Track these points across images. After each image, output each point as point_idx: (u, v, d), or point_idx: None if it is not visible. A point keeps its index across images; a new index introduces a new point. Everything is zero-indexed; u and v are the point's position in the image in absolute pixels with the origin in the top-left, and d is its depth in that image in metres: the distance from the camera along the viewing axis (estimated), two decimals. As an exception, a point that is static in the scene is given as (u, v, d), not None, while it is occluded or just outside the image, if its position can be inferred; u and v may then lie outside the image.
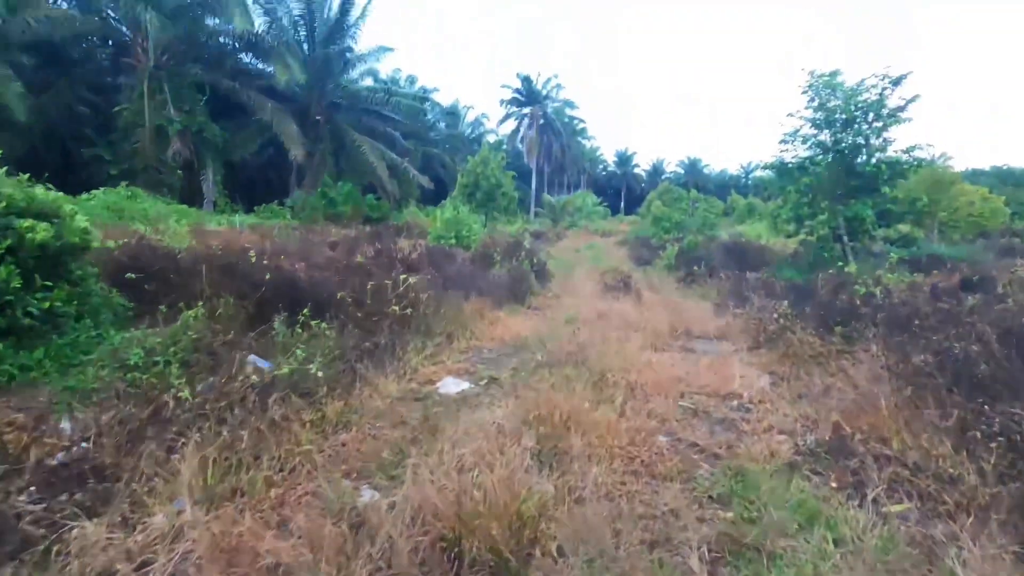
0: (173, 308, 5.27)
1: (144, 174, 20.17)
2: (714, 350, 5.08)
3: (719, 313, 6.62)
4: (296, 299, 5.49)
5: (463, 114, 51.39)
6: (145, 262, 5.42)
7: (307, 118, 25.54)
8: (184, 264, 5.58)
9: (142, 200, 15.50)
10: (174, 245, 5.94)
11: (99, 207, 13.43)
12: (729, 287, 8.05)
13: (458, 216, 14.08)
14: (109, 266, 5.50)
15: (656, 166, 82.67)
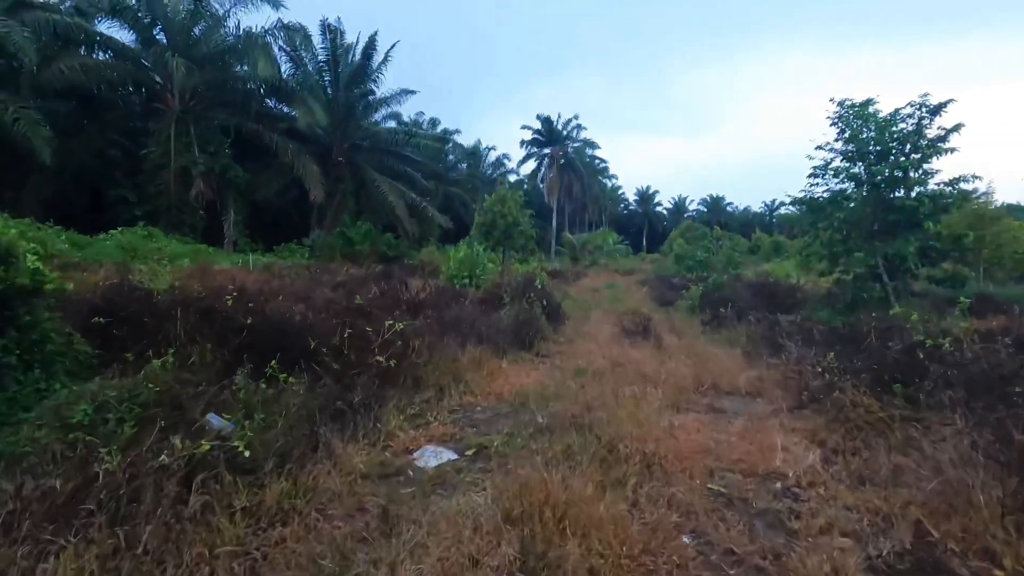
0: (142, 356, 4.83)
1: (167, 214, 20.47)
2: (748, 410, 4.35)
3: (751, 363, 5.89)
4: (280, 346, 4.99)
5: (484, 154, 52.09)
6: (118, 305, 5.00)
7: (329, 159, 25.91)
8: (161, 307, 5.14)
9: (158, 240, 15.52)
10: (156, 287, 5.53)
11: (114, 247, 13.41)
12: (760, 332, 7.31)
13: (472, 255, 13.68)
14: (79, 309, 5.11)
15: (678, 204, 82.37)
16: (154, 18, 20.52)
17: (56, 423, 3.64)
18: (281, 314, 6.01)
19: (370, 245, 24.33)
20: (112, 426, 3.79)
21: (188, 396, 4.27)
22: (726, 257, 20.68)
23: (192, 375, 4.65)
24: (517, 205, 19.23)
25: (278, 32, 22.23)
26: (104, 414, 3.86)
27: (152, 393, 4.13)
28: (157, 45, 20.34)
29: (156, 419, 4.06)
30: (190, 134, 20.76)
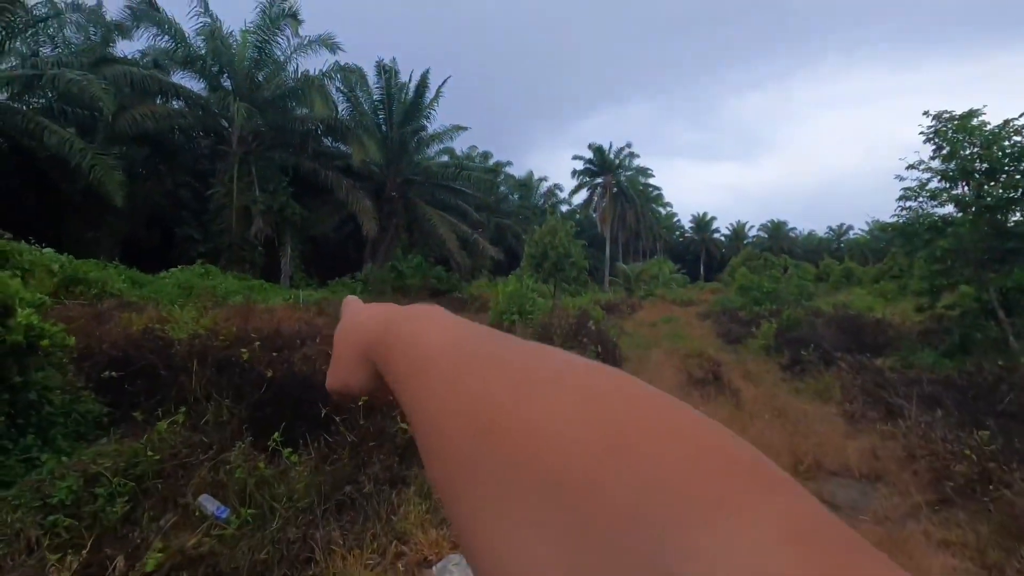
0: (153, 414, 4.42)
1: (228, 251, 21.15)
2: (870, 504, 3.36)
3: (856, 427, 4.85)
4: (303, 402, 4.47)
5: (536, 185, 52.08)
6: (133, 356, 4.63)
7: (382, 194, 26.31)
8: (178, 358, 4.74)
9: (215, 277, 15.83)
10: (176, 334, 5.18)
11: (171, 285, 13.68)
12: (857, 383, 6.20)
13: (521, 289, 13.04)
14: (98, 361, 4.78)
15: (736, 230, 79.34)
16: (221, 67, 21.66)
17: (36, 502, 3.18)
18: (311, 362, 5.52)
19: (421, 278, 24.25)
20: (100, 504, 3.31)
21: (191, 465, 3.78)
22: (797, 287, 19.10)
23: (205, 436, 4.18)
24: (568, 235, 18.59)
25: (335, 74, 22.95)
26: (94, 488, 3.39)
27: (151, 463, 3.65)
28: (223, 91, 21.37)
29: (152, 493, 3.58)
30: (251, 174, 21.54)
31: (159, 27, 20.41)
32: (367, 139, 23.39)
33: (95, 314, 8.39)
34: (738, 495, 0.17)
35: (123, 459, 3.63)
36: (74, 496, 3.25)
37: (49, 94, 17.91)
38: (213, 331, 5.46)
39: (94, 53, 19.32)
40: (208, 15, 20.92)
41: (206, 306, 9.74)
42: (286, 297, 16.27)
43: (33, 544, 3.03)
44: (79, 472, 3.41)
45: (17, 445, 3.51)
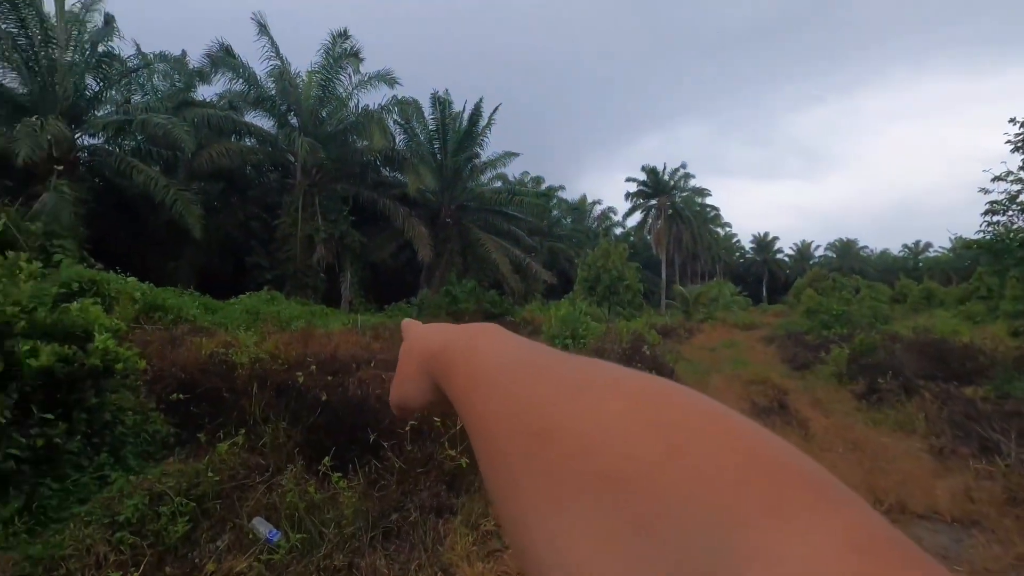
0: (215, 435, 4.59)
1: (293, 278, 22.19)
2: (964, 553, 2.98)
3: (945, 465, 4.37)
4: (356, 426, 4.52)
5: (589, 209, 51.97)
6: (198, 379, 4.85)
7: (437, 220, 26.97)
8: (240, 382, 4.93)
9: (279, 302, 16.59)
10: (238, 358, 5.40)
11: (240, 311, 14.42)
12: (945, 414, 5.63)
13: (574, 312, 12.89)
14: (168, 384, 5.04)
15: (801, 250, 75.86)
16: (289, 105, 23.08)
17: (105, 519, 3.34)
18: (365, 386, 5.62)
19: (475, 302, 24.50)
20: (163, 523, 3.44)
21: (248, 486, 3.87)
22: (871, 310, 17.90)
23: (262, 458, 4.29)
24: (621, 258, 18.33)
25: (392, 107, 23.94)
26: (159, 507, 3.53)
27: (211, 484, 3.77)
28: (290, 128, 22.73)
29: (210, 513, 3.69)
30: (314, 204, 22.64)
31: (234, 71, 22.06)
32: (422, 168, 24.15)
33: (170, 339, 8.93)
34: (803, 502, 0.17)
35: (186, 479, 3.78)
36: (139, 514, 3.39)
37: (138, 136, 19.63)
38: (274, 355, 5.66)
39: (177, 98, 21.06)
40: (279, 58, 22.43)
41: (269, 331, 10.19)
42: (345, 322, 16.79)
43: (101, 559, 3.17)
44: (145, 491, 3.57)
45: (92, 463, 3.72)
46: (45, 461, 3.44)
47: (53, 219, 13.29)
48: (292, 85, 22.78)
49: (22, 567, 2.95)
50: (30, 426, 3.34)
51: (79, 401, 3.66)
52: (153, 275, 16.01)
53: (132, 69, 20.25)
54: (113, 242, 19.18)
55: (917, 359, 10.00)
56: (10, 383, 3.39)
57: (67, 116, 16.70)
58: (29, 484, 3.31)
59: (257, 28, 21.85)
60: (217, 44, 21.80)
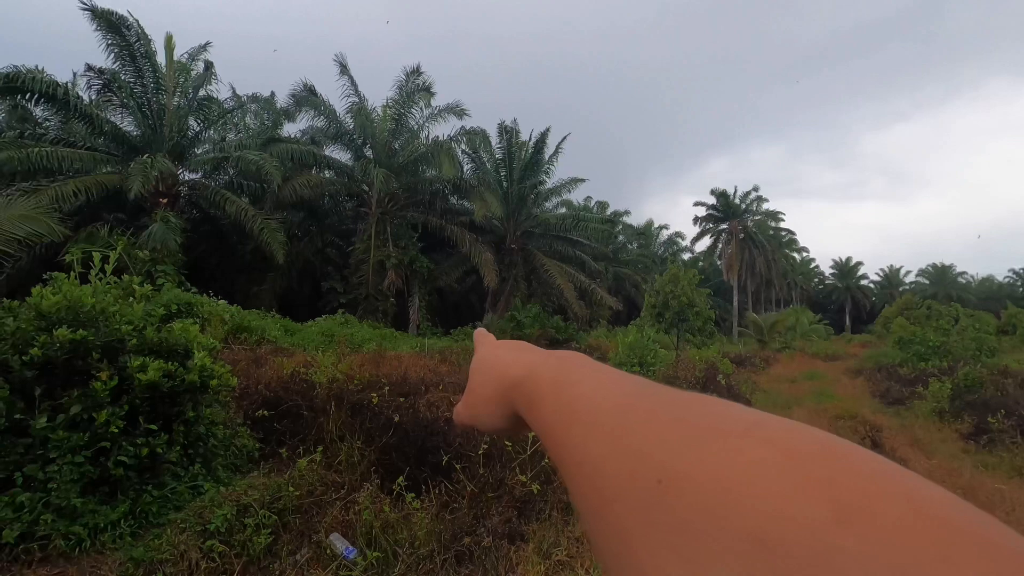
0: (296, 451, 4.80)
1: (365, 302, 23.11)
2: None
3: (1077, 517, 3.85)
4: (427, 447, 4.60)
5: (656, 234, 50.99)
6: (280, 397, 5.11)
7: (503, 246, 27.38)
8: (318, 400, 5.15)
9: (352, 325, 17.28)
10: (317, 378, 5.65)
11: (316, 332, 15.15)
12: (1073, 460, 4.97)
13: (642, 339, 12.57)
14: (253, 401, 5.34)
15: (889, 275, 70.62)
16: (365, 138, 24.41)
17: (197, 527, 3.54)
18: (434, 408, 5.71)
19: (539, 328, 24.47)
20: (249, 533, 3.60)
21: (325, 502, 4.00)
22: (975, 341, 16.28)
23: (338, 475, 4.43)
24: (691, 284, 17.77)
25: (461, 137, 24.78)
26: (245, 519, 3.71)
27: (292, 498, 3.93)
28: (365, 160, 23.99)
29: (291, 527, 3.82)
30: (386, 232, 23.63)
31: (316, 109, 23.69)
32: (489, 195, 24.70)
33: (254, 358, 9.51)
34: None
35: (269, 492, 3.96)
36: (228, 524, 3.58)
37: (231, 171, 21.39)
38: (349, 376, 5.88)
39: (266, 135, 22.83)
40: (357, 95, 23.89)
41: (343, 352, 10.62)
42: (413, 345, 17.24)
43: (193, 566, 3.35)
44: (233, 502, 3.77)
45: (187, 473, 3.98)
46: (148, 469, 3.72)
47: (161, 246, 14.59)
48: (368, 120, 24.11)
49: (126, 568, 3.17)
50: (137, 436, 3.63)
51: (179, 414, 3.94)
52: (239, 298, 17.21)
53: (228, 110, 22.20)
54: (205, 268, 20.82)
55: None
56: (122, 396, 3.72)
57: (172, 154, 18.49)
58: (135, 490, 3.58)
59: (339, 68, 23.42)
60: (301, 84, 23.57)
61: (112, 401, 3.59)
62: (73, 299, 3.69)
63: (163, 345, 4.04)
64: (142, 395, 3.66)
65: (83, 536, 3.19)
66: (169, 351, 4.07)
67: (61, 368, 3.62)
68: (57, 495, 3.21)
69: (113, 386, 3.50)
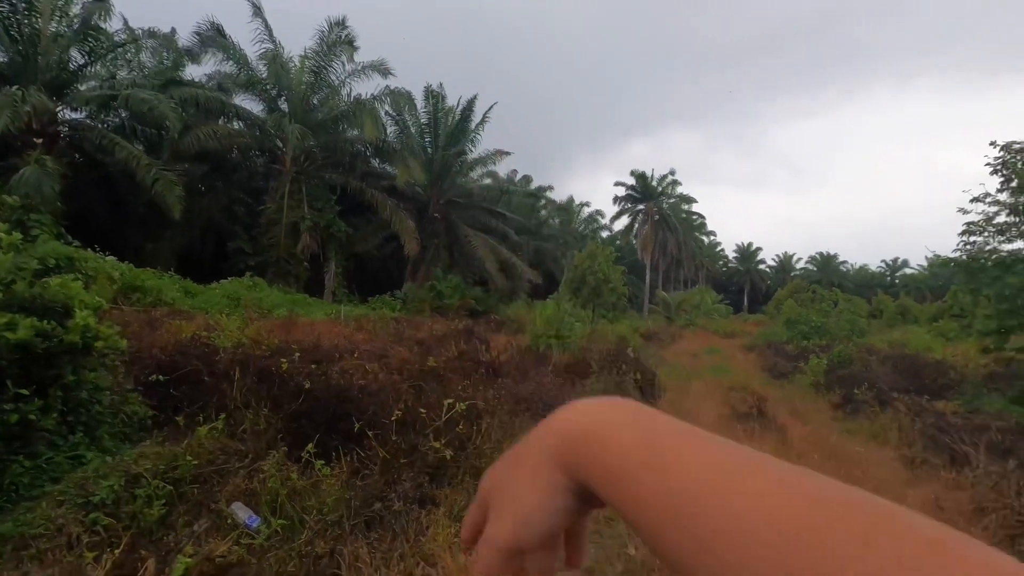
0: (194, 419, 4.52)
1: (276, 265, 21.87)
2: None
3: (915, 473, 4.50)
4: (339, 415, 4.49)
5: (577, 211, 52.10)
6: (179, 362, 4.76)
7: (425, 215, 26.84)
8: (221, 366, 4.86)
9: (261, 289, 16.38)
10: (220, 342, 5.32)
11: (220, 295, 14.21)
12: (917, 426, 5.78)
13: (559, 313, 12.93)
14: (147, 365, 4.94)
15: (783, 261, 77.11)
16: (280, 90, 22.74)
17: (79, 499, 3.26)
18: (348, 375, 5.58)
19: (459, 299, 24.43)
20: (140, 505, 3.38)
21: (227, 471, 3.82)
22: (849, 323, 18.26)
23: (242, 443, 4.23)
24: (608, 261, 18.43)
25: (385, 97, 23.75)
26: (135, 489, 3.46)
27: (189, 467, 3.71)
28: (280, 113, 22.40)
29: (188, 497, 3.63)
30: (301, 192, 22.36)
31: (225, 52, 21.68)
32: (412, 161, 24.00)
33: (149, 320, 8.77)
34: None
35: (163, 462, 3.71)
36: (115, 496, 3.32)
37: (123, 113, 19.18)
38: (256, 341, 5.58)
39: (165, 76, 20.64)
40: (271, 41, 22.10)
41: (251, 317, 10.05)
42: (328, 312, 16.64)
43: (73, 540, 3.10)
44: (121, 472, 3.50)
45: (66, 442, 3.63)
46: (18, 438, 3.35)
47: (35, 192, 12.92)
48: (284, 70, 22.47)
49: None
50: (4, 401, 3.25)
51: (56, 378, 3.57)
52: (132, 255, 15.68)
53: (119, 44, 19.77)
54: (91, 220, 18.71)
55: (892, 372, 10.25)
56: (-17, 357, 3.30)
57: (49, 88, 16.25)
58: (1, 461, 3.22)
59: (251, 9, 21.50)
60: (207, 23, 21.42)
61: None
62: (-80, 245, 3.20)
63: (37, 302, 3.62)
64: (10, 356, 3.27)
65: (-62, 512, 2.85)
66: (44, 309, 3.65)
67: (-95, 324, 3.16)
68: (-98, 466, 2.83)
69: (-28, 346, 3.10)
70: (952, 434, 5.16)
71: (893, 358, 11.99)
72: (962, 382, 9.75)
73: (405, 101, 25.35)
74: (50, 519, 3.08)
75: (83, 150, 19.09)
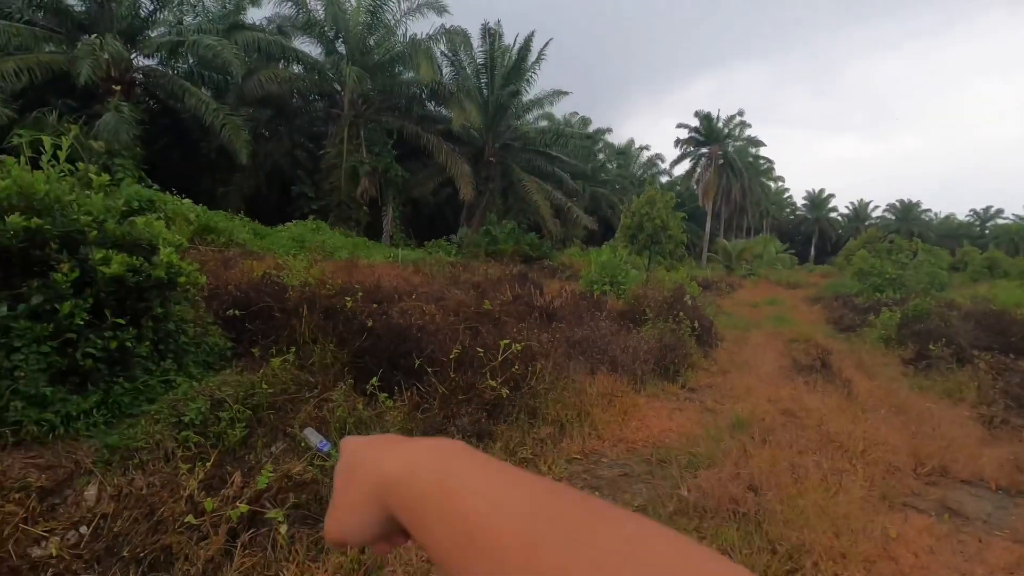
0: (268, 351, 4.83)
1: (337, 209, 22.52)
2: (1009, 520, 2.94)
3: (993, 433, 4.24)
4: (398, 352, 4.69)
5: (636, 155, 50.17)
6: (252, 299, 5.06)
7: (481, 159, 26.61)
8: (291, 303, 5.13)
9: (324, 232, 16.95)
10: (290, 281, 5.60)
11: (287, 238, 14.84)
12: (999, 385, 5.41)
13: (615, 259, 12.74)
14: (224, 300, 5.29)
15: (857, 209, 72.04)
16: (337, 31, 22.63)
17: (172, 419, 3.61)
18: (407, 316, 5.78)
19: (514, 244, 24.45)
20: (223, 427, 3.70)
21: (299, 400, 4.11)
22: (928, 275, 17.04)
23: (311, 375, 4.52)
24: (667, 207, 17.79)
25: (440, 37, 23.20)
26: (218, 412, 3.79)
27: (265, 395, 4.01)
28: (337, 56, 22.39)
29: (265, 422, 3.94)
30: (360, 136, 22.60)
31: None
32: (468, 103, 23.60)
33: (223, 259, 9.32)
34: None
35: (243, 389, 4.02)
36: (202, 417, 3.65)
37: (190, 60, 19.71)
38: (321, 281, 5.83)
39: (228, 20, 20.90)
40: (328, -20, 21.83)
41: (316, 259, 10.49)
42: (387, 255, 17.11)
43: (169, 454, 3.46)
44: (207, 396, 3.83)
45: (159, 368, 3.99)
46: (118, 362, 3.71)
47: (114, 138, 13.71)
48: (341, 11, 22.24)
49: (101, 453, 3.25)
50: (104, 330, 3.58)
51: (147, 310, 3.88)
52: (204, 199, 16.51)
53: (184, -12, 20.07)
54: (167, 165, 19.76)
55: (972, 329, 9.55)
56: (85, 289, 3.62)
57: (123, 35, 16.86)
58: (105, 382, 3.59)
59: (307, -53, 21.18)
60: (266, -36, 21.32)
61: (75, 294, 3.50)
62: (24, 185, 3.48)
63: (126, 239, 3.90)
64: (107, 289, 3.57)
65: (56, 423, 3.22)
66: (133, 246, 3.94)
67: (17, 257, 3.48)
68: (25, 383, 3.20)
69: (75, 278, 3.40)
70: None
71: (976, 314, 11.14)
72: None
73: (461, 40, 24.68)
74: (149, 434, 3.44)
75: (156, 97, 19.94)
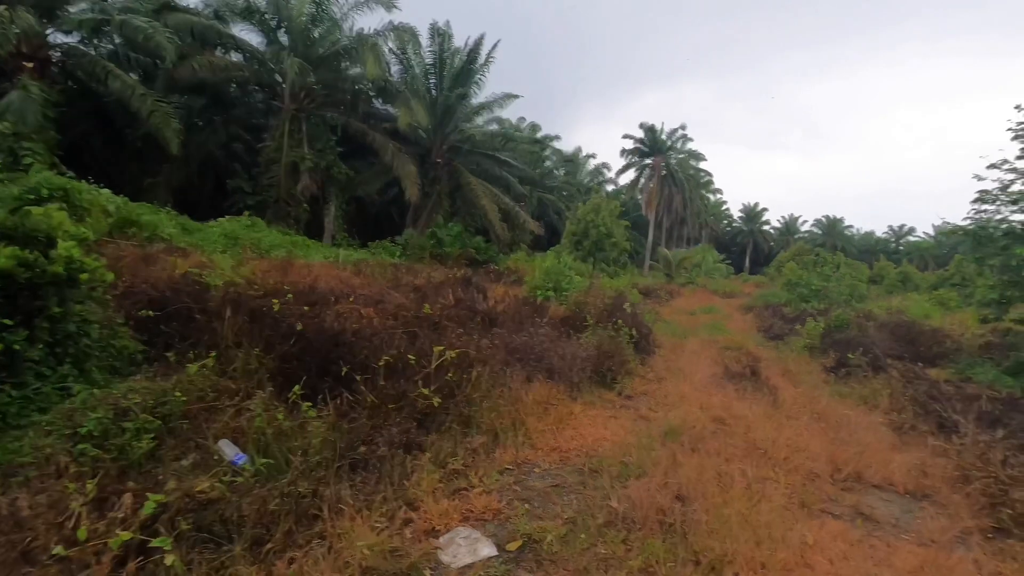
0: (185, 356, 4.50)
1: (275, 206, 21.57)
2: (915, 523, 3.10)
3: (903, 440, 4.52)
4: (331, 358, 4.46)
5: (583, 162, 51.08)
6: (170, 298, 4.70)
7: (428, 160, 26.25)
8: (213, 304, 4.80)
9: (260, 229, 16.20)
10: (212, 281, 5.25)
11: (218, 234, 14.06)
12: (908, 393, 5.79)
13: (559, 265, 12.84)
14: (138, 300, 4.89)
15: (788, 223, 76.34)
16: (279, 21, 21.76)
17: (66, 430, 3.27)
18: (343, 319, 5.54)
19: (460, 247, 24.26)
20: (128, 438, 3.38)
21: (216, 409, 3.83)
22: (849, 288, 18.18)
23: (232, 382, 4.23)
24: (612, 215, 18.17)
25: (388, 33, 22.75)
26: (123, 422, 3.47)
27: (178, 403, 3.71)
28: (279, 46, 21.53)
29: (176, 432, 3.65)
30: (301, 131, 21.78)
31: (222, -23, 20.58)
32: (415, 103, 23.23)
33: (144, 255, 8.68)
34: None
35: (153, 396, 3.70)
36: (102, 427, 3.33)
37: (116, 40, 18.38)
38: (250, 281, 5.51)
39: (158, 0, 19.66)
40: (270, -34, 20.95)
41: (247, 257, 9.96)
42: (327, 255, 16.54)
43: (61, 469, 3.12)
44: (110, 405, 3.49)
45: (54, 373, 3.62)
46: (4, 368, 3.33)
47: (20, 120, 12.56)
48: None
49: (-22, 471, 2.89)
50: (-12, 331, 3.21)
51: (41, 309, 3.52)
52: (129, 190, 15.38)
53: (110, -37, 18.71)
54: (87, 152, 18.31)
55: (887, 338, 10.24)
56: (-35, 285, 3.24)
57: (38, 9, 15.51)
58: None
59: (248, -69, 20.26)
60: (204, -55, 20.22)
61: (-48, 290, 3.12)
62: None
63: (18, 230, 3.53)
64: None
65: (-76, 437, 2.85)
66: (26, 238, 3.56)
67: None
68: None
69: (-48, 274, 3.02)
70: (943, 402, 5.17)
71: (890, 324, 11.97)
72: (957, 351, 9.75)
73: (410, 38, 24.29)
74: (38, 448, 3.10)
75: (76, 78, 18.41)
